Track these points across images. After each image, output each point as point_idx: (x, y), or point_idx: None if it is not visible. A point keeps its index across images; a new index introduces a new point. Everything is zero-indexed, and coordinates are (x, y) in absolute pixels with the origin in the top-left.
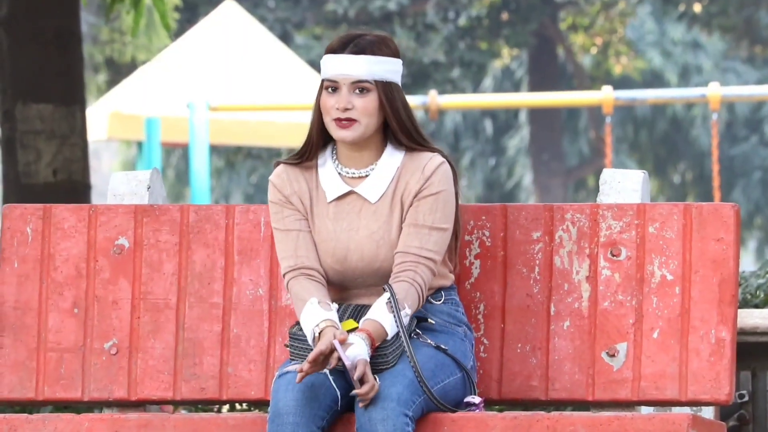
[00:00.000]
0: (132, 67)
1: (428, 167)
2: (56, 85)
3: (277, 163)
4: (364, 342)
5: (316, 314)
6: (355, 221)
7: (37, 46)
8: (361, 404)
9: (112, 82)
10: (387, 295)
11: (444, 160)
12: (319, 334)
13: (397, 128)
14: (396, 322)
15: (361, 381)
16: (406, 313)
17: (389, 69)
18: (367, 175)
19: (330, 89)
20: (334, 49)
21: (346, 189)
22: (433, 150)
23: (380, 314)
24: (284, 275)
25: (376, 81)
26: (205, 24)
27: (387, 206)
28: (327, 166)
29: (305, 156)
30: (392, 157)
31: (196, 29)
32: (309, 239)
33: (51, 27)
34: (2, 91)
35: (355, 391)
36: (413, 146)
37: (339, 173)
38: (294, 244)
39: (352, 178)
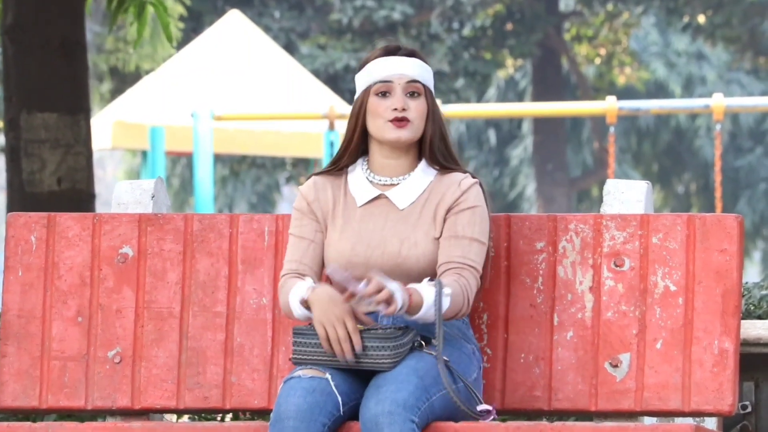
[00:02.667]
0: (136, 76)
1: (464, 183)
2: (61, 93)
3: (310, 176)
4: (398, 286)
5: (306, 283)
6: (381, 223)
7: (42, 54)
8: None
9: (117, 92)
10: (432, 279)
11: (477, 180)
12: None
13: (435, 138)
14: (436, 293)
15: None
16: (447, 292)
17: (430, 78)
18: (398, 183)
19: (380, 94)
20: (380, 56)
21: (376, 193)
22: (465, 172)
23: (421, 286)
24: (282, 276)
25: (425, 86)
26: (209, 33)
27: (416, 213)
28: (357, 174)
29: (340, 162)
30: (426, 172)
31: (201, 39)
32: (319, 252)
33: (56, 36)
34: (7, 99)
35: (359, 296)
36: (446, 164)
37: (370, 180)
38: (302, 252)
39: (383, 185)
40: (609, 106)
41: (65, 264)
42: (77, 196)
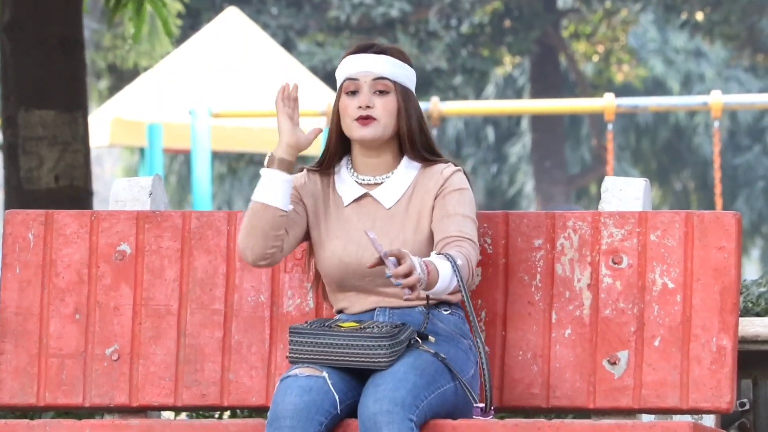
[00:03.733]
0: (134, 73)
1: (446, 171)
2: (59, 91)
3: (301, 168)
4: (421, 265)
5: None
6: (369, 223)
7: (40, 52)
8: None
9: (115, 89)
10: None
11: (459, 168)
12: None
13: (412, 133)
14: (452, 266)
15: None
16: (460, 263)
17: (406, 75)
18: (382, 182)
19: (349, 92)
20: (352, 53)
21: (362, 191)
22: (447, 162)
23: (436, 260)
24: None
25: (395, 83)
26: (207, 30)
27: (402, 212)
28: (342, 173)
29: (324, 164)
30: (409, 168)
31: (199, 36)
32: (292, 224)
33: (54, 33)
34: (5, 97)
35: (389, 274)
36: (428, 157)
37: (355, 180)
38: None
39: (368, 184)
40: (607, 103)
41: (63, 261)
42: (75, 193)
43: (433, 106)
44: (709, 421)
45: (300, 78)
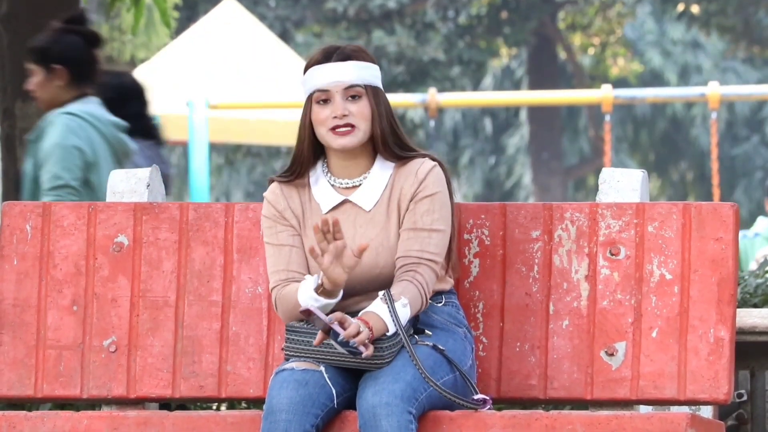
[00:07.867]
0: (131, 65)
1: (421, 171)
2: None
3: (271, 180)
4: (360, 325)
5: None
6: (351, 230)
7: None
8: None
9: None
10: (383, 291)
11: (435, 163)
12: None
13: (385, 134)
14: (390, 313)
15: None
16: (404, 303)
17: (373, 74)
18: (359, 184)
19: (321, 101)
20: (317, 62)
21: (340, 198)
22: (423, 156)
23: (377, 307)
24: (272, 289)
25: (365, 86)
26: (204, 22)
27: (383, 213)
28: (319, 179)
29: (297, 173)
30: (384, 165)
31: (196, 27)
32: (301, 255)
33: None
34: (2, 88)
35: (341, 337)
36: (401, 153)
37: (332, 185)
38: (287, 259)
39: (346, 188)
40: (604, 94)
41: (60, 253)
42: None
43: (430, 97)
44: (706, 412)
45: (297, 69)
